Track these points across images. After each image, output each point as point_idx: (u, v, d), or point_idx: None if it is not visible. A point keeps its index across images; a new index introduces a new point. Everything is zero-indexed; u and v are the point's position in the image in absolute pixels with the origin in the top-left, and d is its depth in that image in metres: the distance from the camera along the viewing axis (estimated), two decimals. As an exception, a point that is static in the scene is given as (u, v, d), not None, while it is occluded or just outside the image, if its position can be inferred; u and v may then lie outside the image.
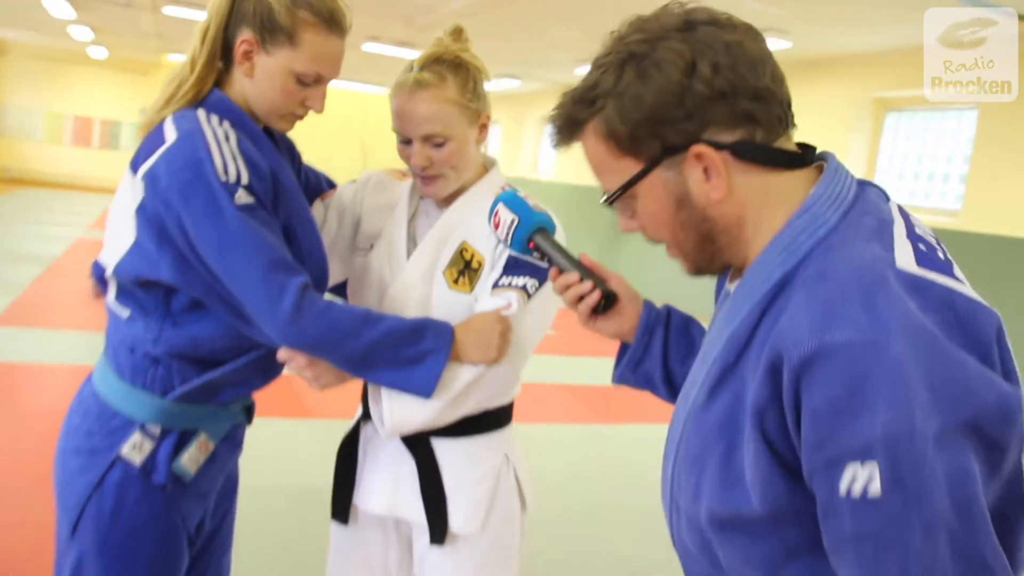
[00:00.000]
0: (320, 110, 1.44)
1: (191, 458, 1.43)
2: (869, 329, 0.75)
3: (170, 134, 1.34)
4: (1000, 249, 6.72)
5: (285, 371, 1.44)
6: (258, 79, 1.40)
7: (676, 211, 0.93)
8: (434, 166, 1.51)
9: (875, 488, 0.73)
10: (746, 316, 0.88)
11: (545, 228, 1.28)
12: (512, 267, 1.48)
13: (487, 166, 1.63)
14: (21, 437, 3.86)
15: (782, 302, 0.85)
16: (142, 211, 1.35)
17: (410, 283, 1.54)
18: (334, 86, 1.50)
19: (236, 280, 1.29)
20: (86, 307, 6.85)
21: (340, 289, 1.69)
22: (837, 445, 0.75)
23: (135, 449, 1.39)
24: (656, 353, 1.23)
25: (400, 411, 1.42)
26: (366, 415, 1.61)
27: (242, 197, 1.30)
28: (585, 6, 7.64)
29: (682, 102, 0.86)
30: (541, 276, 1.46)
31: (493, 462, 1.58)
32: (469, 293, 1.52)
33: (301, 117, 1.47)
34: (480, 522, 1.55)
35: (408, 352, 1.35)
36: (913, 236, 0.87)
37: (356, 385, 1.59)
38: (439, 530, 1.54)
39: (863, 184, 0.95)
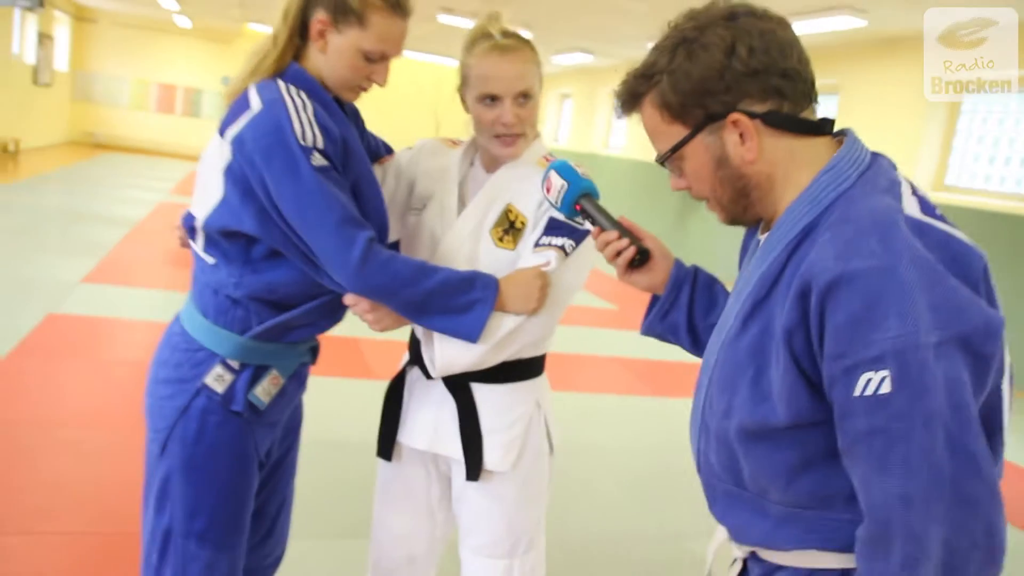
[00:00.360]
0: (383, 84, 1.59)
1: (264, 390, 1.61)
2: (884, 258, 0.92)
3: (255, 102, 1.50)
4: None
5: (350, 312, 1.59)
6: (330, 55, 1.54)
7: (716, 169, 1.10)
8: (520, 123, 1.64)
9: (886, 387, 0.90)
10: (776, 256, 1.04)
11: (590, 193, 1.44)
12: (552, 228, 1.61)
13: (531, 137, 1.75)
14: (108, 382, 4.17)
15: (808, 244, 1.01)
16: (229, 171, 1.50)
17: (459, 239, 1.68)
18: (410, 57, 1.63)
19: (311, 232, 1.44)
20: (166, 268, 7.21)
21: (393, 248, 1.83)
22: (855, 355, 0.92)
23: (217, 380, 1.57)
24: (683, 305, 1.39)
25: (449, 353, 1.57)
26: (412, 361, 1.77)
27: (317, 159, 1.45)
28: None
29: (722, 77, 1.05)
30: (578, 237, 1.60)
31: (526, 408, 1.72)
32: (513, 250, 1.66)
33: (366, 89, 1.62)
34: (512, 461, 1.70)
35: (459, 301, 1.49)
36: (916, 194, 1.04)
37: (395, 349, 1.74)
38: (475, 467, 1.69)
39: (875, 154, 1.10)
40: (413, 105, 16.93)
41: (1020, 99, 7.58)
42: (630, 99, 1.14)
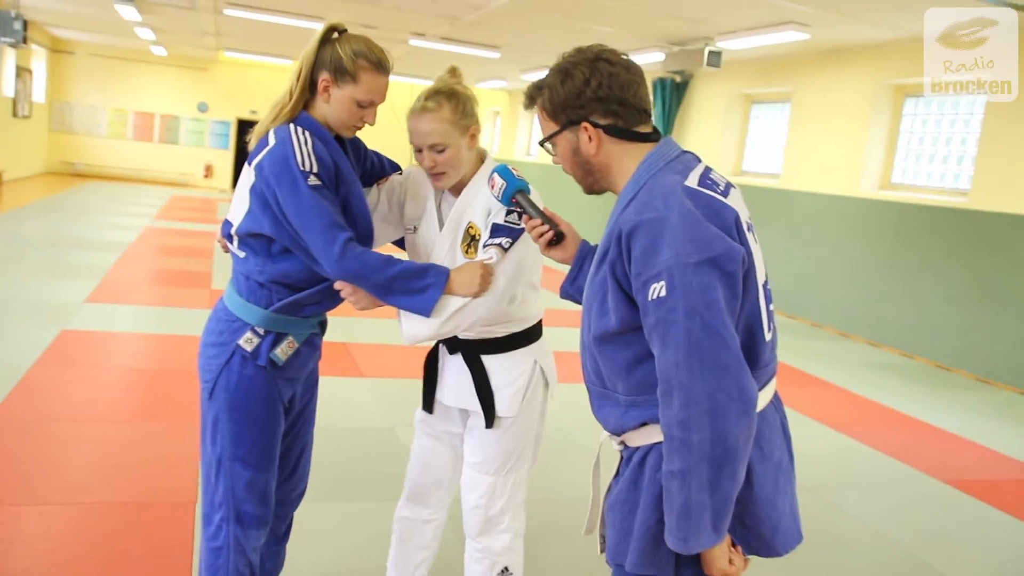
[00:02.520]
0: (373, 123, 2.10)
1: (282, 351, 2.10)
2: (663, 211, 1.42)
3: (272, 140, 2.01)
4: (1007, 226, 7.09)
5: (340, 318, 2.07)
6: (332, 104, 2.04)
7: (573, 156, 1.62)
8: (438, 166, 2.11)
9: (663, 292, 1.37)
10: (615, 218, 1.53)
11: (523, 190, 1.93)
12: (495, 231, 2.08)
13: (483, 158, 2.24)
14: (109, 385, 4.63)
15: (625, 211, 1.49)
16: (253, 190, 2.01)
17: (442, 257, 2.19)
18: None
19: (306, 232, 1.93)
20: (157, 287, 7.61)
21: (400, 243, 2.34)
22: (646, 273, 1.40)
23: (247, 342, 2.06)
24: (585, 272, 1.82)
25: (412, 327, 2.01)
26: (438, 344, 2.29)
27: (313, 180, 1.96)
28: (620, 4, 8.09)
29: (579, 98, 1.56)
30: (515, 235, 2.07)
31: (526, 367, 2.24)
32: (475, 257, 2.15)
33: (360, 128, 2.13)
34: (517, 409, 2.22)
35: (416, 284, 1.95)
36: (703, 174, 1.53)
37: (397, 352, 2.20)
38: (491, 417, 2.21)
39: (684, 151, 1.60)
40: (391, 119, 17.38)
41: (956, 101, 8.15)
42: (529, 100, 1.65)
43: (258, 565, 2.21)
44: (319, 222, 1.91)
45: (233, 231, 2.07)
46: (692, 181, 1.49)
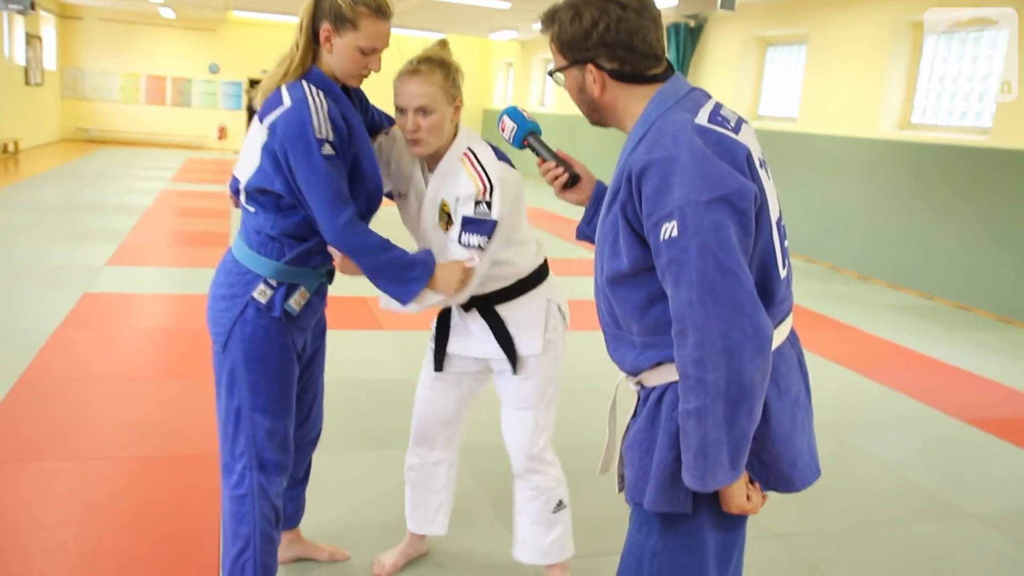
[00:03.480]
0: (378, 70, 2.09)
1: (295, 301, 2.12)
2: (672, 150, 1.39)
3: (286, 99, 1.99)
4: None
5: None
6: (336, 54, 2.02)
7: (578, 92, 1.60)
8: (420, 131, 2.11)
9: (675, 232, 1.35)
10: (625, 158, 1.52)
11: (534, 132, 1.91)
12: (466, 225, 2.10)
13: (457, 133, 2.23)
14: (133, 345, 4.71)
15: (635, 151, 1.47)
16: (265, 148, 2.01)
17: (426, 233, 2.23)
18: (396, 32, 2.11)
19: (313, 200, 1.97)
20: (176, 248, 7.68)
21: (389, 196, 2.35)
22: (657, 213, 1.38)
23: (261, 294, 2.08)
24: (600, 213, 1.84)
25: (388, 304, 2.09)
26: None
27: (327, 150, 1.97)
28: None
29: (585, 41, 1.52)
30: (488, 231, 2.08)
31: (539, 306, 2.29)
32: (447, 231, 2.18)
33: (366, 76, 2.11)
34: (540, 346, 2.27)
35: (403, 275, 2.02)
36: (713, 111, 1.49)
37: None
38: (515, 363, 2.26)
39: (693, 88, 1.55)
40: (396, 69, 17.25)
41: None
42: (543, 26, 1.62)
43: (282, 510, 2.26)
44: (327, 192, 1.94)
45: (242, 186, 2.08)
46: (702, 118, 1.46)
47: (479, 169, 2.12)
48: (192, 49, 20.14)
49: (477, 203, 2.08)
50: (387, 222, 2.49)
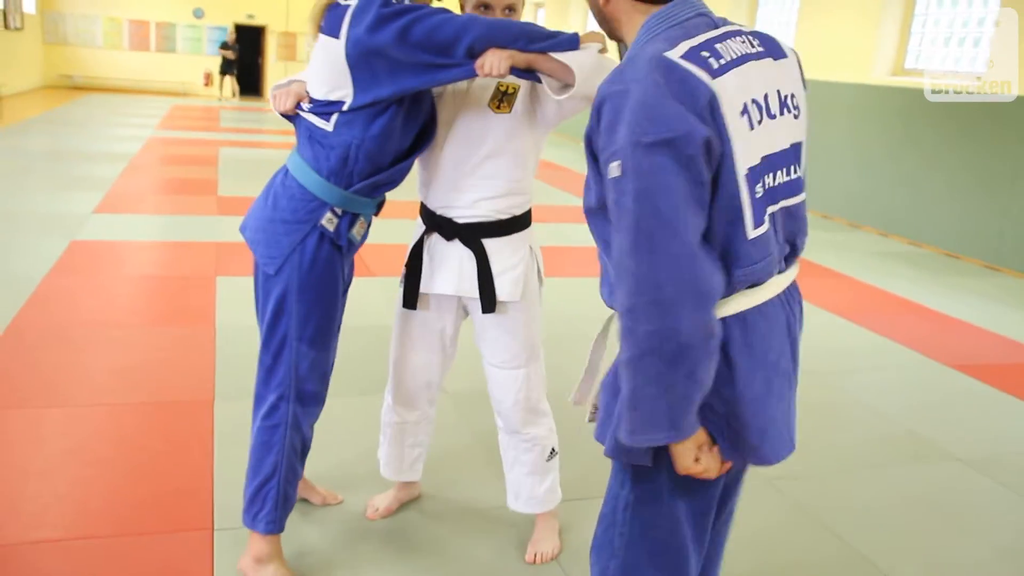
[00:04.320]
0: None
1: (357, 231, 2.13)
2: (626, 84, 1.30)
3: (352, 1, 1.94)
4: (1018, 109, 6.95)
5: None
6: None
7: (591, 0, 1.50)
8: None
9: (617, 172, 1.28)
10: None
11: None
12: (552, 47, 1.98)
13: None
14: (123, 292, 4.70)
15: None
16: (353, 50, 1.93)
17: (469, 115, 2.14)
18: None
19: (430, 29, 1.88)
20: (163, 196, 7.61)
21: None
22: (607, 151, 1.31)
23: (329, 222, 2.06)
24: None
25: (571, 58, 1.93)
26: (428, 230, 2.25)
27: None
28: None
29: None
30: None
31: (523, 252, 2.23)
32: (509, 113, 2.11)
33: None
34: (520, 293, 2.22)
35: (550, 31, 1.96)
36: (700, 46, 1.35)
37: (402, 251, 2.24)
38: (491, 301, 2.20)
39: (701, 15, 1.43)
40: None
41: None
42: None
43: (310, 441, 2.26)
44: (436, 15, 1.89)
45: (310, 108, 2.05)
46: (677, 52, 1.33)
47: None
48: (176, -8, 19.73)
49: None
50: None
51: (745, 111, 1.36)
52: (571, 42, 1.94)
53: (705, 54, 1.35)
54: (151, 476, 2.73)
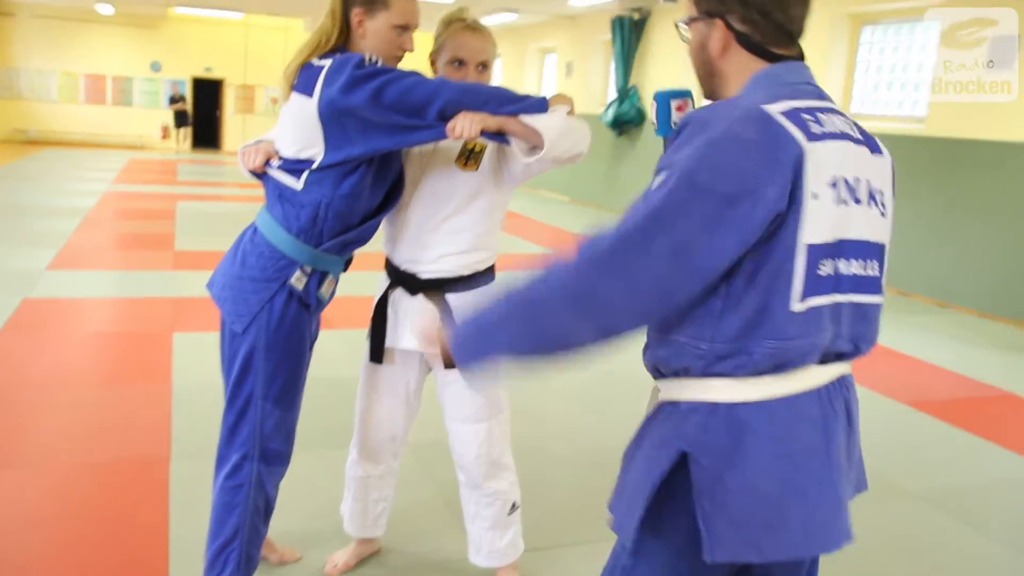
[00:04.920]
0: (412, 50, 2.09)
1: (326, 289, 2.14)
2: (713, 118, 1.27)
3: (326, 61, 1.98)
4: (963, 151, 7.18)
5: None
6: (369, 37, 2.04)
7: (699, 50, 1.45)
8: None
9: (659, 181, 1.25)
10: None
11: (687, 96, 1.62)
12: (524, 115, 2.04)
13: None
14: (74, 350, 4.62)
15: None
16: (328, 114, 1.96)
17: (436, 171, 2.18)
18: None
19: (401, 92, 1.92)
20: (118, 251, 7.54)
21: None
22: (664, 160, 1.29)
23: (298, 280, 2.07)
24: None
25: (539, 120, 1.97)
26: (392, 285, 2.26)
27: (380, 64, 1.98)
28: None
29: None
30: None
31: None
32: (476, 170, 2.16)
33: (401, 58, 2.11)
34: None
35: (521, 96, 2.01)
36: (803, 109, 1.31)
37: (364, 303, 2.22)
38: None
39: (809, 84, 1.40)
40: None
41: (912, 28, 8.17)
42: None
43: (274, 501, 2.24)
44: (405, 77, 1.93)
45: (278, 166, 2.07)
46: (777, 107, 1.28)
47: None
48: (133, 47, 19.72)
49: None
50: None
51: (835, 184, 1.30)
52: (540, 105, 1.99)
53: (807, 117, 1.31)
54: (104, 539, 2.67)
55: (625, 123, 12.13)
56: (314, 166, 2.02)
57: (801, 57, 1.44)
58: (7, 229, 8.20)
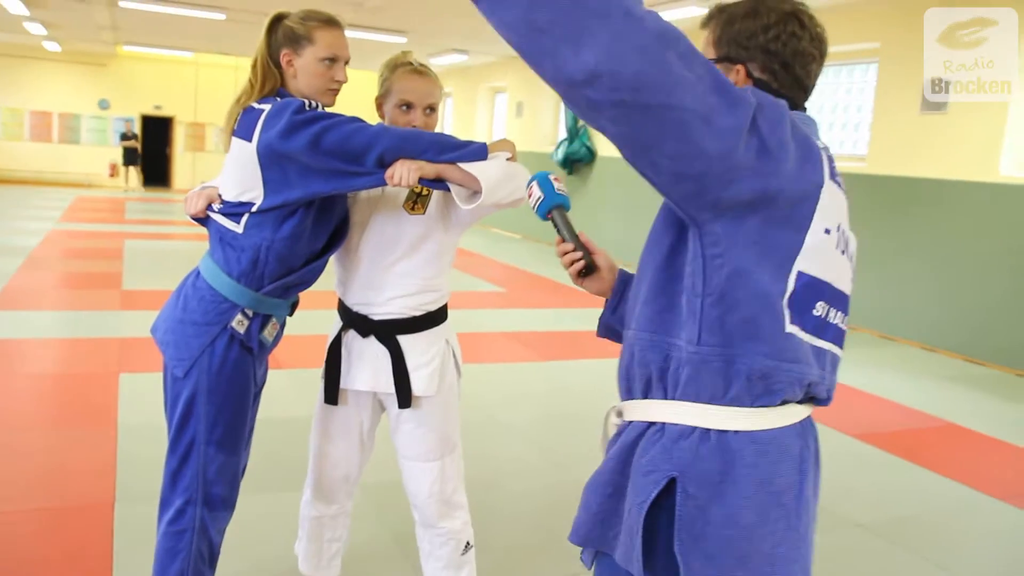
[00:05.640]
0: (345, 80, 2.12)
1: (268, 332, 2.14)
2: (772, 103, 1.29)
3: (265, 106, 1.99)
4: (902, 188, 7.42)
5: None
6: (301, 75, 2.07)
7: None
8: (424, 127, 2.17)
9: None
10: None
11: (563, 206, 1.65)
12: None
13: None
14: (22, 393, 4.51)
15: None
16: (267, 160, 1.98)
17: (384, 215, 2.20)
18: None
19: (340, 139, 1.94)
20: (63, 291, 7.39)
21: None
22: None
23: (239, 324, 2.07)
24: (627, 299, 1.58)
25: (475, 168, 2.00)
26: (345, 327, 2.27)
27: (320, 108, 2.01)
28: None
29: (750, 40, 1.42)
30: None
31: (439, 347, 2.26)
32: (423, 214, 2.18)
33: (336, 91, 2.13)
34: (436, 387, 2.24)
35: (461, 142, 2.03)
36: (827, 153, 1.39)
37: (314, 342, 2.21)
38: (406, 397, 2.22)
39: (814, 126, 1.45)
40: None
41: (851, 70, 8.46)
42: (707, 17, 1.50)
43: (218, 547, 2.22)
44: (348, 124, 1.95)
45: (220, 210, 2.07)
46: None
47: None
48: (80, 84, 19.49)
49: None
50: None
51: (839, 229, 1.38)
52: (479, 152, 2.02)
53: (824, 155, 1.37)
54: (45, 588, 2.60)
55: (575, 161, 12.29)
56: (253, 209, 2.03)
57: (805, 111, 1.49)
58: (-53, 269, 8.01)
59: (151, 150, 20.22)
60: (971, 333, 6.86)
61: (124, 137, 19.02)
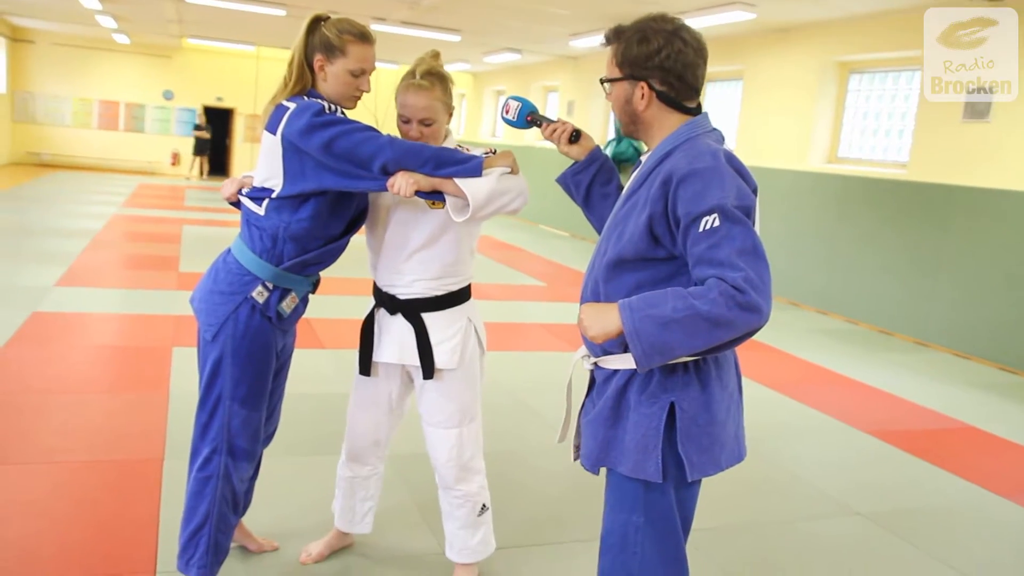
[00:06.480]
0: (368, 90, 2.35)
1: (287, 305, 2.37)
2: (712, 163, 1.67)
3: (291, 104, 2.22)
4: (942, 196, 7.43)
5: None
6: (330, 80, 2.30)
7: (624, 103, 1.84)
8: (423, 138, 2.36)
9: (716, 223, 1.61)
10: (648, 166, 1.79)
11: (534, 111, 2.20)
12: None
13: (447, 135, 2.49)
14: (83, 361, 4.85)
15: (666, 161, 1.75)
16: (288, 152, 2.20)
17: (407, 210, 2.41)
18: None
19: (351, 145, 2.17)
20: (125, 271, 7.79)
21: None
22: (696, 210, 1.63)
23: (259, 295, 2.31)
24: (590, 172, 2.12)
25: (468, 186, 2.22)
26: (378, 305, 2.51)
27: (340, 114, 2.23)
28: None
29: (647, 61, 1.77)
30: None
31: (461, 323, 2.48)
32: (443, 208, 2.36)
33: (359, 97, 2.37)
34: (456, 361, 2.46)
35: (460, 156, 2.25)
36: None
37: (354, 325, 2.43)
38: (429, 369, 2.45)
39: (715, 129, 1.84)
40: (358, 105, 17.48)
41: (896, 77, 8.47)
42: (606, 40, 1.86)
43: (242, 495, 2.46)
44: (360, 132, 2.16)
45: (274, 195, 2.29)
46: (726, 148, 1.76)
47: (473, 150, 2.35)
48: (146, 75, 20.17)
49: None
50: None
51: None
52: (475, 168, 2.23)
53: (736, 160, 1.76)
54: (99, 526, 2.88)
55: (622, 161, 12.41)
56: (273, 195, 2.27)
57: (700, 107, 1.86)
58: (18, 247, 8.48)
59: (212, 141, 20.82)
60: (1005, 341, 6.86)
61: (197, 128, 19.65)
